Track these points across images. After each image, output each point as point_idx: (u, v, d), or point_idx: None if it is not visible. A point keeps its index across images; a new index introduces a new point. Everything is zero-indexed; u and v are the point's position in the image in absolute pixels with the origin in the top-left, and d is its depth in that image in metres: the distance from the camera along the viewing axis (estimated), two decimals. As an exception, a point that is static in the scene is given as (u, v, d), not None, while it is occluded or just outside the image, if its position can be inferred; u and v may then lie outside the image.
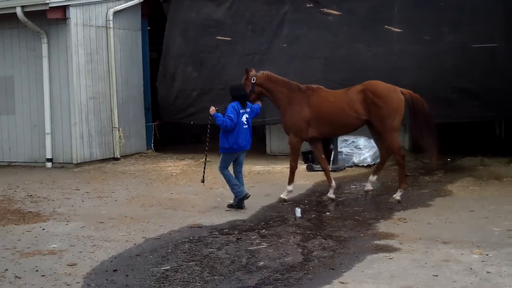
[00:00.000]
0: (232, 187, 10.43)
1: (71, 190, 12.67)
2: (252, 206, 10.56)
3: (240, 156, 10.58)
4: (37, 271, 7.14)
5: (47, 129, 16.16)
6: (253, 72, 11.22)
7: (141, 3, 18.24)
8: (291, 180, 11.11)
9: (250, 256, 7.55)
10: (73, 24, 16.00)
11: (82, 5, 16.32)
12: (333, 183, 11.13)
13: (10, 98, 16.74)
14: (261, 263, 7.25)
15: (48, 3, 15.20)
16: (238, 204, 10.42)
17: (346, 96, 10.85)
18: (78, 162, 16.01)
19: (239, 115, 10.27)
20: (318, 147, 11.35)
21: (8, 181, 13.99)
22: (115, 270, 7.09)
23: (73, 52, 15.96)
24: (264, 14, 16.85)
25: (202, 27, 17.44)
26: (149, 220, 9.69)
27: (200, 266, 7.20)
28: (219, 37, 17.22)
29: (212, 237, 8.58)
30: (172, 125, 19.99)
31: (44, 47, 16.05)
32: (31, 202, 11.40)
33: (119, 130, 17.24)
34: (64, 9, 15.86)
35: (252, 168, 14.88)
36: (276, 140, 17.41)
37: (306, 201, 11.01)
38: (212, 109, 10.54)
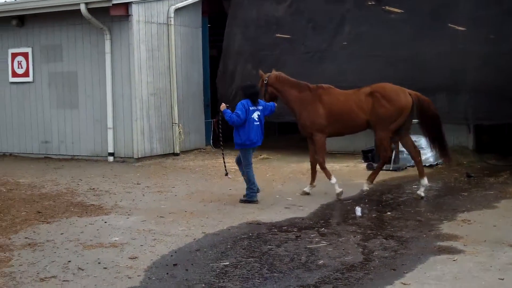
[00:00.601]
0: (251, 188, 10.79)
1: (132, 184, 12.84)
2: (311, 204, 10.53)
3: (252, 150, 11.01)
4: (99, 263, 7.25)
5: (109, 123, 16.43)
6: (265, 74, 11.54)
7: (202, 0, 18.37)
8: (329, 175, 11.29)
9: (309, 254, 7.50)
10: (135, 21, 16.21)
11: (144, 2, 16.52)
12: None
13: (74, 93, 17.09)
14: (321, 262, 7.20)
15: (111, 0, 15.43)
16: (245, 201, 10.81)
17: (356, 96, 11.10)
18: (139, 156, 16.23)
19: (249, 112, 10.58)
20: (313, 144, 11.56)
21: (71, 174, 14.28)
22: (175, 264, 7.14)
23: (135, 49, 16.17)
24: (325, 11, 16.72)
25: (263, 25, 17.45)
26: (208, 216, 9.74)
27: (259, 262, 7.19)
28: (279, 35, 17.20)
29: (271, 234, 8.56)
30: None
31: (107, 43, 16.32)
32: (94, 195, 11.61)
33: (179, 126, 17.40)
34: (126, 6, 16.09)
35: (309, 166, 14.77)
36: (335, 138, 17.23)
37: (366, 200, 10.89)
38: (223, 106, 10.92)
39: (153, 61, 16.79)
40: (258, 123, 10.72)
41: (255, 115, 10.67)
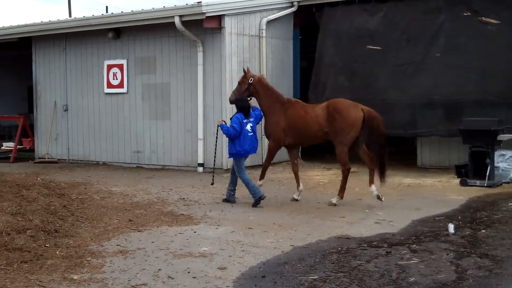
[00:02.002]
0: (252, 188, 11.69)
1: (221, 195, 12.91)
2: (402, 219, 10.29)
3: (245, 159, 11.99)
4: (188, 272, 7.30)
5: (200, 134, 16.65)
6: (251, 73, 12.46)
7: (294, 12, 18.40)
8: (262, 176, 12.37)
9: (400, 271, 7.31)
10: (228, 33, 16.40)
11: (237, 14, 16.70)
12: (301, 187, 12.33)
13: (166, 104, 17.43)
14: (412, 279, 6.99)
15: (205, 13, 15.67)
16: (255, 203, 11.69)
17: (313, 111, 11.98)
18: (228, 167, 16.33)
19: (243, 125, 11.66)
20: (293, 152, 12.58)
21: (162, 183, 14.53)
22: (263, 276, 7.10)
23: (227, 61, 16.35)
24: (420, 23, 16.41)
25: (355, 36, 17.29)
26: (296, 228, 9.67)
27: (349, 278, 7.06)
28: (370, 46, 17.00)
29: (361, 249, 8.40)
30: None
31: (200, 55, 16.57)
32: (184, 205, 11.75)
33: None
34: (219, 18, 16.30)
35: (402, 181, 14.53)
36: (427, 152, 16.90)
37: (459, 217, 10.54)
38: (220, 121, 12.13)
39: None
40: (252, 133, 11.81)
41: (248, 127, 11.75)
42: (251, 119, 11.85)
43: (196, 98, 16.70)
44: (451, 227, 9.53)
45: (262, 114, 12.29)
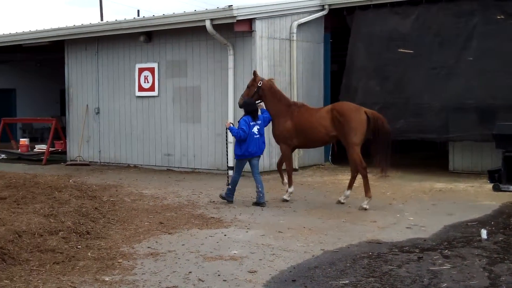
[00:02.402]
0: (230, 189, 12.33)
1: (251, 198, 12.92)
2: (433, 225, 10.18)
3: (253, 160, 12.28)
4: (219, 275, 7.31)
5: (230, 138, 16.57)
6: (259, 77, 12.81)
7: (325, 16, 18.36)
8: (290, 183, 12.65)
9: (432, 277, 7.22)
10: (259, 36, 16.42)
11: (268, 18, 16.71)
12: (291, 189, 12.65)
13: (197, 107, 17.49)
14: (444, 285, 6.91)
15: (236, 16, 15.71)
16: (222, 197, 12.42)
17: (318, 114, 12.31)
18: (263, 171, 16.33)
19: (250, 127, 12.00)
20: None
21: (192, 186, 14.58)
22: (293, 280, 7.08)
23: (257, 64, 16.36)
24: (453, 26, 16.26)
25: (387, 40, 17.19)
26: (327, 233, 9.63)
27: (380, 283, 7.00)
28: (401, 50, 16.87)
29: (392, 254, 8.33)
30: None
31: (230, 58, 16.60)
32: (214, 208, 11.77)
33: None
34: (250, 22, 16.33)
35: (433, 186, 14.40)
36: (459, 157, 16.71)
37: (492, 223, 10.39)
38: (228, 123, 12.64)
39: (274, 76, 16.81)
40: (258, 136, 12.14)
41: (255, 129, 12.09)
42: (259, 122, 12.20)
43: (226, 102, 16.72)
44: (483, 233, 9.41)
45: (270, 117, 12.52)
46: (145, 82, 18.74)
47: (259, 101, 12.63)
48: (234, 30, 16.22)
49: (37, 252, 8.02)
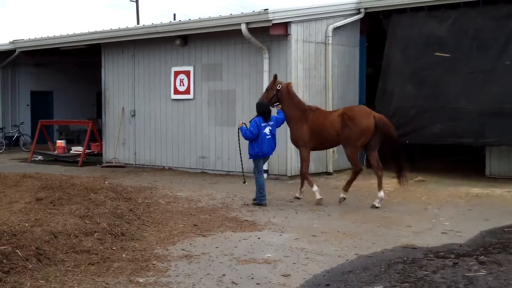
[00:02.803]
0: (260, 192, 12.47)
1: (284, 201, 12.91)
2: (470, 230, 10.06)
3: (264, 160, 12.83)
4: (252, 278, 7.30)
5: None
6: (278, 80, 13.16)
7: (360, 19, 18.27)
8: (311, 184, 12.90)
9: (467, 283, 7.13)
10: (294, 40, 16.39)
11: (303, 21, 16.68)
12: (301, 191, 13.32)
13: (232, 110, 17.53)
14: (481, 291, 6.83)
15: (271, 20, 15.71)
16: (255, 204, 12.49)
17: (330, 116, 12.90)
18: (292, 174, 16.33)
19: (261, 128, 12.33)
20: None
21: (226, 189, 14.61)
22: (327, 285, 7.05)
23: (292, 67, 16.34)
24: (491, 29, 16.01)
25: (424, 44, 16.99)
26: (361, 237, 9.57)
27: (415, 288, 6.93)
28: (437, 53, 16.68)
29: (427, 259, 8.24)
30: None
31: (266, 62, 16.61)
32: (247, 211, 11.78)
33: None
34: (286, 25, 16.31)
35: (469, 191, 14.21)
36: (496, 162, 16.45)
37: (530, 229, 10.24)
38: (240, 123, 12.89)
39: (309, 80, 16.89)
40: (270, 136, 12.46)
41: (267, 130, 12.40)
42: (271, 123, 12.54)
43: (261, 105, 16.71)
44: (521, 239, 9.27)
45: (284, 118, 12.98)
46: (180, 85, 18.84)
47: (277, 103, 13.07)
48: (270, 34, 16.23)
49: (73, 253, 8.10)
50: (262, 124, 12.40)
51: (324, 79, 17.35)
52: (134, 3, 48.06)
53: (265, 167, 16.44)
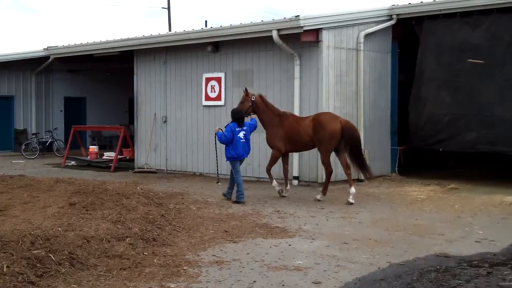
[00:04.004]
0: (239, 190, 13.55)
1: (316, 208, 12.87)
2: (504, 239, 9.91)
3: (240, 162, 13.96)
4: (283, 285, 7.28)
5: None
6: (251, 93, 14.42)
7: (393, 25, 18.16)
8: (271, 179, 14.49)
9: (502, 293, 7.03)
10: (325, 46, 16.36)
11: (335, 28, 16.65)
12: (288, 187, 14.67)
13: (263, 116, 17.50)
14: (516, 302, 6.72)
15: (302, 26, 15.71)
16: (235, 202, 13.53)
17: (303, 122, 14.15)
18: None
19: (235, 133, 13.59)
20: (286, 158, 14.69)
21: (257, 196, 14.61)
22: (359, 293, 7.00)
23: (323, 74, 16.31)
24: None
25: (457, 50, 16.84)
26: (393, 245, 9.48)
27: (448, 297, 6.85)
28: (471, 60, 16.50)
29: (460, 268, 8.13)
30: (417, 149, 19.53)
31: (297, 68, 16.60)
32: (278, 218, 11.75)
33: (364, 151, 17.23)
34: (317, 32, 16.30)
35: (504, 199, 14.01)
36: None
37: None
38: (216, 129, 14.28)
39: (340, 86, 16.83)
40: (244, 140, 13.72)
41: (241, 135, 13.66)
42: (245, 128, 13.78)
43: (292, 111, 16.67)
44: (557, 249, 9.11)
45: (256, 124, 14.28)
46: (212, 91, 18.92)
47: (254, 113, 14.43)
48: (301, 40, 16.22)
49: (105, 258, 8.16)
50: (237, 129, 13.65)
51: (356, 85, 17.28)
52: (166, 10, 48.45)
53: (295, 173, 16.53)
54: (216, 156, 15.37)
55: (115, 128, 26.14)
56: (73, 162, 22.97)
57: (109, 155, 22.79)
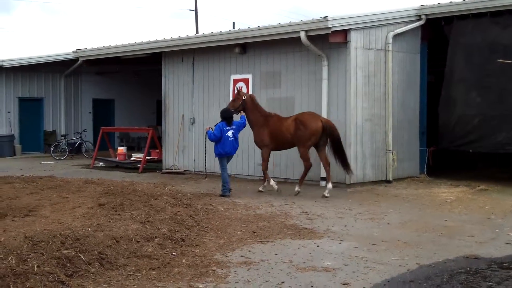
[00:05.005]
0: (224, 185, 14.75)
1: (344, 209, 12.82)
2: (536, 241, 9.78)
3: (228, 159, 15.12)
4: (312, 286, 7.26)
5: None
6: (243, 92, 15.54)
7: (421, 25, 18.02)
8: (266, 179, 15.42)
9: (534, 295, 6.94)
10: (353, 47, 16.29)
11: (363, 29, 16.57)
12: (266, 183, 15.44)
13: (290, 118, 17.48)
14: (548, 304, 6.62)
15: (330, 27, 15.65)
16: (221, 195, 14.64)
17: (286, 122, 15.06)
18: (351, 182, 16.20)
19: (223, 131, 14.64)
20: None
21: (284, 197, 14.59)
22: (388, 294, 6.95)
23: (351, 75, 16.24)
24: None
25: (488, 50, 16.63)
26: (422, 246, 9.41)
27: (478, 299, 6.77)
28: (500, 60, 16.30)
29: (491, 270, 8.05)
30: (446, 150, 19.34)
31: (325, 69, 16.54)
32: (306, 219, 11.73)
33: (392, 153, 17.15)
34: (345, 33, 16.23)
35: (534, 201, 13.84)
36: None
37: None
38: (207, 128, 15.43)
39: (369, 87, 16.74)
40: (232, 138, 14.77)
41: (229, 133, 14.71)
42: (233, 127, 14.83)
43: (320, 112, 16.63)
44: None
45: (245, 123, 15.34)
46: (239, 93, 18.91)
47: (242, 111, 15.37)
48: (329, 41, 16.16)
49: (134, 258, 8.21)
50: (225, 128, 14.69)
51: (384, 86, 17.18)
52: (193, 12, 48.64)
53: (323, 174, 16.47)
54: (205, 153, 17.14)
55: (143, 130, 26.29)
56: (101, 163, 23.14)
57: (137, 156, 22.92)
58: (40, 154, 27.78)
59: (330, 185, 14.78)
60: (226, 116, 14.90)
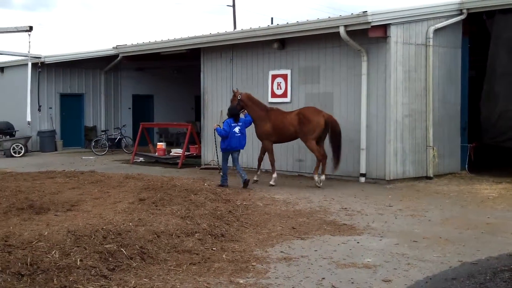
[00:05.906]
0: (222, 176, 15.63)
1: (383, 206, 12.72)
2: None
3: (234, 154, 15.74)
4: (352, 283, 7.22)
5: (362, 144, 16.48)
6: (238, 92, 16.29)
7: (463, 20, 17.76)
8: (274, 171, 16.10)
9: None
10: (393, 42, 16.13)
11: (403, 23, 16.40)
12: (259, 172, 16.57)
13: (329, 113, 17.37)
14: None
15: (370, 22, 15.52)
16: (220, 185, 15.13)
17: (289, 116, 15.92)
18: (391, 178, 16.07)
19: (231, 127, 15.43)
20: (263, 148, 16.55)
21: (323, 193, 14.54)
22: (430, 292, 6.87)
23: (391, 70, 16.09)
24: None
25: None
26: (465, 244, 9.29)
27: (523, 298, 6.66)
28: None
29: (535, 268, 7.90)
30: (488, 146, 19.05)
31: (364, 65, 16.41)
32: (346, 215, 11.67)
33: (433, 148, 16.95)
34: (385, 27, 16.07)
35: None
36: None
37: None
38: (215, 125, 16.40)
39: (409, 82, 16.57)
40: (239, 134, 15.56)
41: (236, 129, 15.51)
42: (240, 124, 15.62)
43: (359, 108, 16.57)
44: None
45: (251, 120, 16.10)
46: (278, 88, 18.91)
47: (243, 110, 16.06)
48: (368, 36, 16.03)
49: (175, 253, 8.28)
50: (232, 125, 15.50)
51: (425, 81, 16.98)
52: (231, 8, 48.71)
53: (362, 170, 16.39)
54: (216, 149, 17.73)
55: (182, 125, 26.44)
56: (141, 159, 23.32)
57: (176, 151, 23.01)
58: (80, 149, 28.15)
59: (323, 177, 15.60)
60: (234, 113, 15.75)
